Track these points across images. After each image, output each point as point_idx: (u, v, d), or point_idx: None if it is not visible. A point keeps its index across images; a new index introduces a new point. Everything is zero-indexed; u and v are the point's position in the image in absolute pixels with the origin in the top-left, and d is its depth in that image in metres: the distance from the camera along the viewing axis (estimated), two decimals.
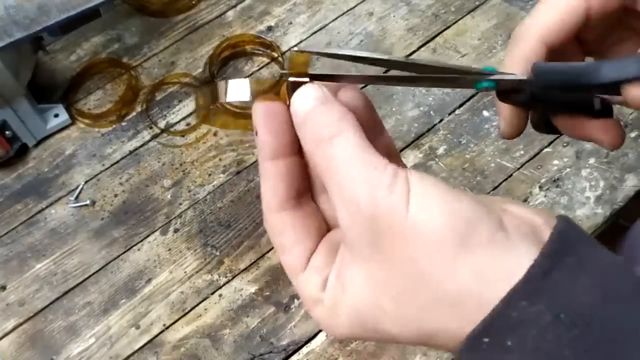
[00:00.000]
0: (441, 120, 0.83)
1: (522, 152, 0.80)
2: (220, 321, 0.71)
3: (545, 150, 0.80)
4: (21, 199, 0.80)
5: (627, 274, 0.25)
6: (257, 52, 0.90)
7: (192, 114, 0.86)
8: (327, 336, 0.69)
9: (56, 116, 0.84)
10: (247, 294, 0.72)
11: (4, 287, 0.74)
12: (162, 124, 0.85)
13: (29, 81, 0.80)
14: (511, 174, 0.78)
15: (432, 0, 0.94)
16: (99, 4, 0.72)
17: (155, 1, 0.95)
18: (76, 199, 0.79)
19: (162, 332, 0.71)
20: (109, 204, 0.79)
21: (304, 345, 0.69)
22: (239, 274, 0.73)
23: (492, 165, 0.79)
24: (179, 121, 0.85)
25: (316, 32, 0.92)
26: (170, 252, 0.75)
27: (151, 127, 0.85)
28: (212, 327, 0.71)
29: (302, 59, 0.88)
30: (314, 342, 0.69)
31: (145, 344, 0.70)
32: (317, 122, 0.29)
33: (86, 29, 0.93)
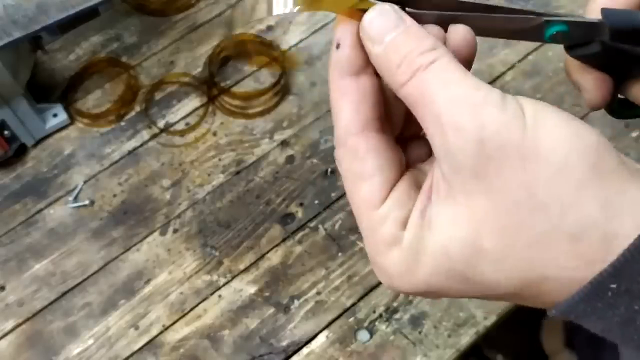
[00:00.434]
0: None
1: None
2: (219, 322, 0.71)
3: None
4: (20, 199, 0.80)
5: None
6: (257, 51, 0.90)
7: (191, 113, 0.85)
8: (327, 337, 0.69)
9: (55, 116, 0.83)
10: (246, 295, 0.72)
11: (2, 288, 0.74)
12: (161, 124, 0.84)
13: (27, 81, 0.80)
14: None
15: None
16: (98, 3, 0.72)
17: (154, 0, 0.95)
18: (75, 199, 0.79)
19: (161, 332, 0.70)
20: (108, 204, 0.79)
21: (303, 346, 0.69)
22: (238, 275, 0.73)
23: None
24: (178, 121, 0.85)
25: (316, 31, 0.92)
26: (169, 252, 0.75)
27: (150, 127, 0.84)
28: (212, 328, 0.70)
29: None
30: (314, 342, 0.69)
31: (144, 345, 0.70)
32: (406, 49, 0.26)
33: (85, 28, 0.92)
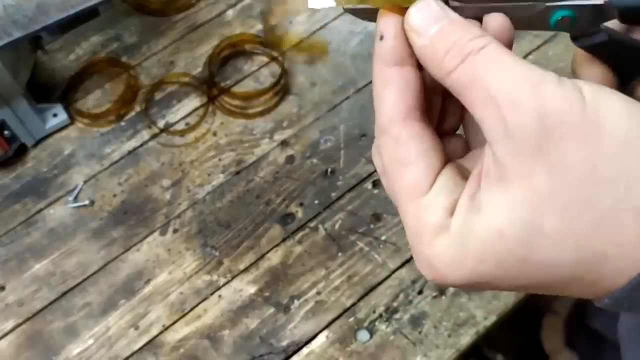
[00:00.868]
0: None
1: None
2: (219, 322, 0.71)
3: None
4: (20, 199, 0.80)
5: None
6: (256, 51, 0.90)
7: (191, 113, 0.85)
8: (327, 337, 0.69)
9: (55, 116, 0.84)
10: (246, 295, 0.72)
11: (2, 288, 0.74)
12: (161, 124, 0.84)
13: (27, 81, 0.80)
14: None
15: None
16: (98, 3, 0.72)
17: (154, 0, 0.95)
18: (75, 199, 0.79)
19: (161, 332, 0.70)
20: (108, 204, 0.79)
21: (303, 346, 0.69)
22: (238, 275, 0.73)
23: None
24: (178, 121, 0.85)
25: (316, 31, 0.92)
26: (169, 252, 0.75)
27: (150, 127, 0.84)
28: (212, 327, 0.70)
29: None
30: (314, 342, 0.69)
31: (144, 345, 0.70)
32: (455, 37, 0.26)
33: (85, 28, 0.92)
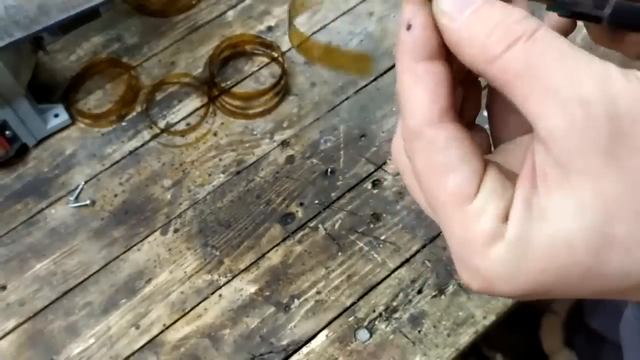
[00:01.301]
0: None
1: None
2: (220, 321, 0.71)
3: None
4: (21, 199, 0.80)
5: None
6: (257, 52, 0.90)
7: (192, 113, 0.86)
8: (327, 336, 0.69)
9: (56, 116, 0.84)
10: (247, 294, 0.72)
11: (4, 287, 0.74)
12: (162, 124, 0.85)
13: (29, 81, 0.80)
14: None
15: None
16: (99, 3, 0.72)
17: (155, 1, 0.95)
18: (76, 199, 0.80)
19: (162, 332, 0.71)
20: (109, 204, 0.79)
21: (304, 345, 0.69)
22: (239, 274, 0.73)
23: None
24: (179, 121, 0.85)
25: (316, 31, 0.92)
26: (170, 252, 0.75)
27: (151, 127, 0.85)
28: (212, 327, 0.71)
29: None
30: (314, 342, 0.69)
31: (145, 344, 0.70)
32: (497, 18, 0.23)
33: (86, 28, 0.93)
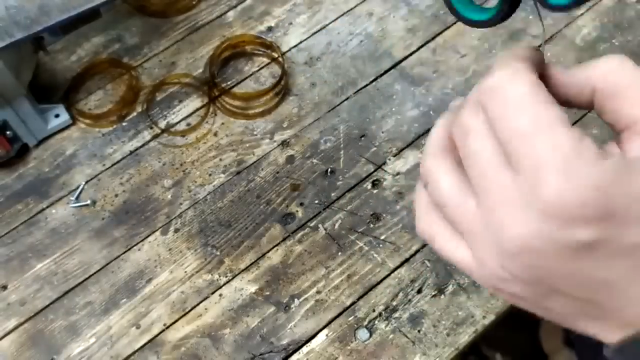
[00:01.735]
0: None
1: None
2: (220, 321, 0.71)
3: None
4: (22, 199, 0.80)
5: None
6: (257, 52, 0.90)
7: (192, 114, 0.86)
8: (327, 336, 0.70)
9: (57, 116, 0.84)
10: (247, 294, 0.72)
11: (4, 287, 0.74)
12: (162, 124, 0.85)
13: (29, 81, 0.80)
14: None
15: (431, 0, 0.94)
16: (100, 4, 0.72)
17: (155, 1, 0.95)
18: (77, 198, 0.80)
19: (162, 331, 0.71)
20: (110, 204, 0.79)
21: (304, 344, 0.69)
22: (239, 274, 0.74)
23: None
24: (180, 121, 0.85)
25: (316, 32, 0.92)
26: (170, 251, 0.76)
27: (152, 127, 0.85)
28: (213, 326, 0.71)
29: None
30: (314, 341, 0.69)
31: (145, 344, 0.70)
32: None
33: (87, 29, 0.93)
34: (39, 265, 0.76)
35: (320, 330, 0.70)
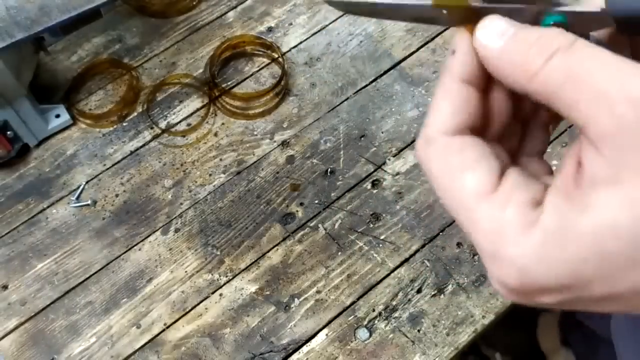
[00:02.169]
0: None
1: None
2: (220, 320, 0.71)
3: None
4: (22, 199, 0.80)
5: None
6: (257, 52, 0.91)
7: (193, 114, 0.86)
8: (327, 335, 0.70)
9: (57, 116, 0.84)
10: (247, 294, 0.73)
11: (5, 287, 0.75)
12: (162, 124, 0.85)
13: (30, 82, 0.80)
14: None
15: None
16: (100, 4, 0.73)
17: (156, 2, 0.95)
18: (77, 198, 0.80)
19: (163, 331, 0.71)
20: (110, 204, 0.79)
21: (304, 344, 0.70)
22: (239, 274, 0.74)
23: None
24: (180, 121, 0.86)
25: (316, 33, 0.92)
26: (171, 251, 0.76)
27: (152, 128, 0.85)
28: (213, 326, 0.71)
29: None
30: (314, 341, 0.70)
31: (146, 343, 0.71)
32: (534, 36, 0.25)
33: (87, 29, 0.93)
34: (39, 265, 0.76)
35: (320, 329, 0.70)
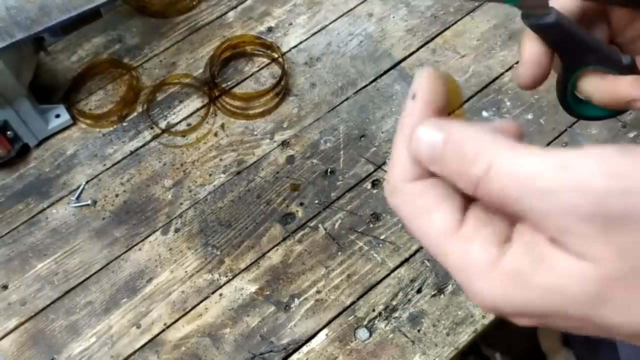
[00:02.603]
0: None
1: None
2: (220, 320, 0.71)
3: None
4: (22, 199, 0.80)
5: None
6: (257, 52, 0.91)
7: (193, 114, 0.86)
8: (327, 335, 0.70)
9: (57, 116, 0.84)
10: (247, 294, 0.73)
11: (5, 287, 0.75)
12: (162, 124, 0.85)
13: (30, 82, 0.80)
14: None
15: (431, 1, 0.94)
16: (100, 4, 0.73)
17: (156, 2, 0.95)
18: (77, 198, 0.80)
19: (163, 331, 0.71)
20: (110, 204, 0.79)
21: (304, 344, 0.70)
22: (239, 274, 0.74)
23: None
24: (180, 121, 0.86)
25: (316, 33, 0.92)
26: (171, 251, 0.76)
27: (152, 128, 0.85)
28: (213, 326, 0.71)
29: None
30: (314, 341, 0.70)
31: (146, 343, 0.70)
32: (456, 163, 0.27)
33: (87, 29, 0.93)
34: (39, 265, 0.76)
35: (320, 329, 0.70)
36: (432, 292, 0.72)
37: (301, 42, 0.92)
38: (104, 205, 0.79)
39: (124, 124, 0.86)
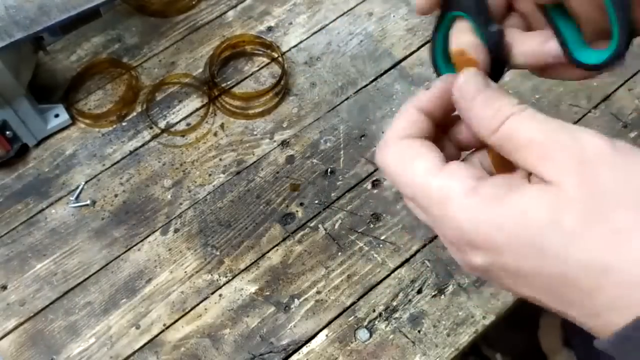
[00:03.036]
0: None
1: None
2: (220, 321, 0.71)
3: None
4: (21, 199, 0.80)
5: None
6: (257, 52, 0.90)
7: (192, 114, 0.86)
8: (327, 336, 0.70)
9: (56, 116, 0.84)
10: (247, 294, 0.72)
11: (4, 287, 0.74)
12: (162, 124, 0.85)
13: (29, 81, 0.80)
14: None
15: None
16: (100, 4, 0.72)
17: (155, 1, 0.95)
18: (76, 199, 0.80)
19: (162, 331, 0.71)
20: (110, 204, 0.79)
21: (303, 345, 0.69)
22: (239, 274, 0.74)
23: None
24: (179, 121, 0.85)
25: (316, 32, 0.92)
26: (170, 252, 0.76)
27: (151, 127, 0.85)
28: (212, 326, 0.71)
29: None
30: (313, 341, 0.69)
31: (145, 344, 0.70)
32: (498, 104, 0.32)
33: (86, 29, 0.93)
34: (38, 265, 0.76)
35: (320, 330, 0.70)
36: (433, 293, 0.71)
37: (301, 42, 0.91)
38: (103, 205, 0.79)
39: (123, 124, 0.85)
